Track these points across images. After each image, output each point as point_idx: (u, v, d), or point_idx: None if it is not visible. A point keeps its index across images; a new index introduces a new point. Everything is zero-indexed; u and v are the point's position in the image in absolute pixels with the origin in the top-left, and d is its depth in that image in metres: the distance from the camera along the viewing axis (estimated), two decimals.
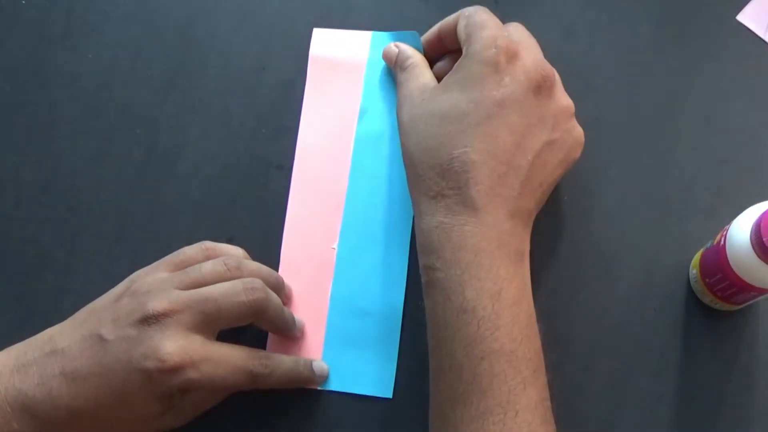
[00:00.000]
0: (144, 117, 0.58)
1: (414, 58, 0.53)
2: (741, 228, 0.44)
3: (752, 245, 0.43)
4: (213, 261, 0.48)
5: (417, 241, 0.47)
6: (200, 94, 0.58)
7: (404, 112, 0.50)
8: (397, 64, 0.54)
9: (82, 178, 0.57)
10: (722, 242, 0.46)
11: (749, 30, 0.56)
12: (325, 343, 0.52)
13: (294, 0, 0.59)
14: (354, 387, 0.51)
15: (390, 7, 0.58)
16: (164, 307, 0.44)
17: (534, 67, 0.47)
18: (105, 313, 0.46)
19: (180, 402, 0.46)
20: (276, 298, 0.48)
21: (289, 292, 0.53)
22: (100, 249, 0.55)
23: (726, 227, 0.46)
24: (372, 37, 0.57)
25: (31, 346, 0.46)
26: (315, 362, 0.51)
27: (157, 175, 0.56)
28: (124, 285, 0.48)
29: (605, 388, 0.50)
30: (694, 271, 0.51)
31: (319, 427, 0.51)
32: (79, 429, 0.44)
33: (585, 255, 0.53)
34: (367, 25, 0.58)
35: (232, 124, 0.57)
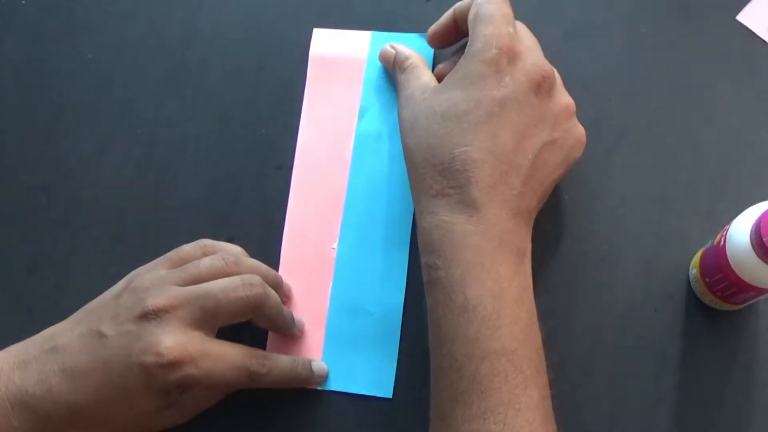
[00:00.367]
0: (144, 117, 0.58)
1: (413, 58, 0.53)
2: (741, 228, 0.44)
3: (752, 245, 0.43)
4: (211, 257, 0.49)
5: (418, 239, 0.47)
6: (200, 94, 0.58)
7: (406, 112, 0.50)
8: (396, 65, 0.54)
9: (82, 178, 0.57)
10: (722, 242, 0.46)
11: (749, 30, 0.56)
12: (324, 343, 0.52)
13: (294, 0, 0.59)
14: (354, 387, 0.51)
15: (390, 7, 0.58)
16: (163, 303, 0.45)
17: (534, 67, 0.47)
18: (104, 311, 0.46)
19: (179, 399, 0.46)
20: (274, 295, 0.49)
21: (289, 291, 0.53)
22: (100, 249, 0.55)
23: (726, 227, 0.46)
24: (372, 37, 0.57)
25: (31, 344, 0.46)
26: (314, 362, 0.51)
27: (157, 175, 0.56)
28: (123, 283, 0.48)
29: (605, 388, 0.50)
30: (694, 271, 0.51)
31: (319, 427, 0.51)
32: (78, 426, 0.44)
33: (585, 255, 0.53)
34: (367, 25, 0.58)
35: (232, 124, 0.57)
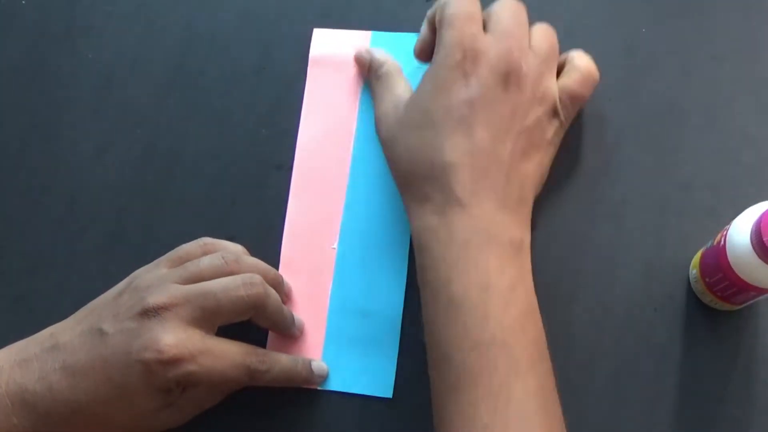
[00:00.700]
0: (144, 117, 0.58)
1: (387, 65, 0.53)
2: (741, 228, 0.44)
3: (752, 245, 0.43)
4: (211, 256, 0.49)
5: (412, 243, 0.48)
6: (200, 94, 0.58)
7: (382, 131, 0.51)
8: (370, 71, 0.54)
9: (82, 178, 0.57)
10: (722, 242, 0.46)
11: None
12: (324, 343, 0.52)
13: (294, 0, 0.59)
14: (354, 387, 0.51)
15: (390, 7, 0.58)
16: (163, 301, 0.45)
17: (498, 60, 0.47)
18: (105, 309, 0.46)
19: (179, 399, 0.46)
20: (275, 294, 0.49)
21: (289, 291, 0.53)
22: (100, 249, 0.55)
23: (726, 227, 0.46)
24: (372, 37, 0.57)
25: (32, 343, 0.46)
26: (314, 362, 0.51)
27: (157, 174, 0.56)
28: (124, 283, 0.48)
29: (605, 387, 0.50)
30: (694, 271, 0.51)
31: (319, 427, 0.51)
32: (79, 424, 0.44)
33: (585, 255, 0.53)
34: (367, 25, 0.58)
35: (232, 124, 0.57)
